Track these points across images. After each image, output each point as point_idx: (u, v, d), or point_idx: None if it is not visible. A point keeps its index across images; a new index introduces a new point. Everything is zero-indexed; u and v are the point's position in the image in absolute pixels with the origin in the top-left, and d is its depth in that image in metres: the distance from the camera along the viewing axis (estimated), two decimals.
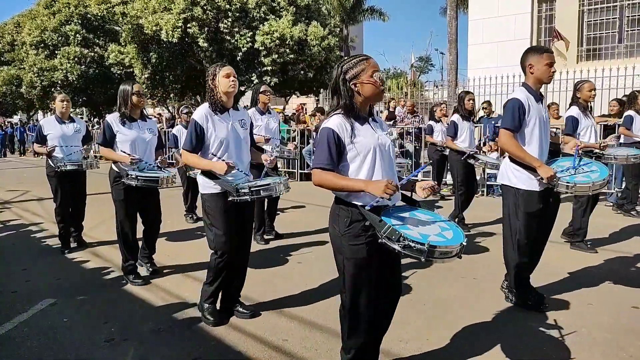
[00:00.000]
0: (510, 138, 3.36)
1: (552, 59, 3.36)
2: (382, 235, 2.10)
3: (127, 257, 4.31)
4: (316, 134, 11.11)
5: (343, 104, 2.30)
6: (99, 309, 3.71)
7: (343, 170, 2.28)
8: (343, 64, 2.34)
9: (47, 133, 5.22)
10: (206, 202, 3.30)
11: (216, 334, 3.22)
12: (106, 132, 4.19)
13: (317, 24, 17.83)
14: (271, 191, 3.22)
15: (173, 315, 3.54)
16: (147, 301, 3.85)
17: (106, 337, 3.21)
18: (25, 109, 31.96)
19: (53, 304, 3.81)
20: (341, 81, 2.31)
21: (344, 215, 2.28)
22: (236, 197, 3.13)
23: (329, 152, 2.22)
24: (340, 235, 2.29)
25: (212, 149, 3.25)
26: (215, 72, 3.26)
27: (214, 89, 3.25)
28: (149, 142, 4.30)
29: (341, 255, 2.31)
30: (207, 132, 3.22)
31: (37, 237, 6.12)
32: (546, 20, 13.37)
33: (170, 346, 3.07)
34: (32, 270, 4.69)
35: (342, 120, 2.26)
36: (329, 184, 2.23)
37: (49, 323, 3.45)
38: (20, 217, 7.38)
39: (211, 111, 3.26)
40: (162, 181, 4.04)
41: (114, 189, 4.21)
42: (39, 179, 12.43)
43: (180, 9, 16.46)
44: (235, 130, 3.33)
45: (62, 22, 23.43)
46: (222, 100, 3.27)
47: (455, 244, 2.12)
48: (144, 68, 18.78)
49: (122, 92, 4.19)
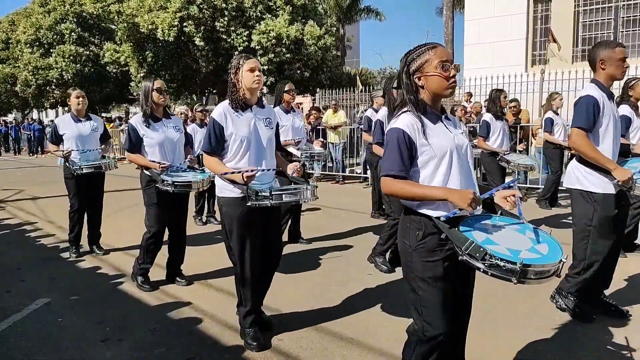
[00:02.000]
0: (583, 137, 3.09)
1: (625, 53, 3.19)
2: (463, 252, 1.82)
3: (144, 259, 4.08)
4: (313, 132, 11.11)
5: (409, 99, 2.04)
6: (94, 308, 3.70)
7: (413, 178, 2.01)
8: (408, 54, 2.07)
9: (63, 133, 4.91)
10: (223, 207, 2.99)
11: (212, 334, 3.21)
12: (132, 136, 3.95)
13: (314, 23, 17.84)
14: (295, 196, 2.85)
15: (168, 315, 3.53)
16: (142, 301, 3.84)
17: (101, 336, 3.20)
18: (20, 108, 31.81)
19: (48, 304, 3.79)
20: (405, 74, 2.05)
21: (415, 227, 2.01)
22: (255, 202, 2.78)
23: (400, 156, 1.95)
24: (411, 250, 2.02)
25: (231, 150, 2.95)
26: (238, 65, 2.94)
27: (236, 83, 2.94)
28: (177, 141, 4.07)
29: (412, 273, 2.03)
30: (227, 131, 2.92)
31: (32, 237, 6.08)
32: (542, 20, 13.41)
33: (166, 346, 3.06)
34: (27, 270, 4.67)
35: (413, 119, 1.99)
36: (403, 193, 1.95)
37: (44, 323, 3.44)
38: (14, 217, 7.34)
39: (231, 108, 2.96)
40: (197, 185, 3.83)
41: (146, 193, 4.01)
42: (33, 179, 12.40)
43: (176, 8, 16.44)
44: (258, 129, 2.99)
45: (57, 21, 23.35)
46: (245, 97, 2.96)
47: (553, 262, 1.78)
48: (139, 67, 18.73)
49: (144, 88, 3.95)
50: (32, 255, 5.22)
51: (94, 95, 24.27)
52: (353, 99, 14.46)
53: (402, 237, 2.08)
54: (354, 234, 5.88)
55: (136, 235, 5.37)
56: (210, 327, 3.30)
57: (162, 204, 3.97)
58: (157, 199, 3.93)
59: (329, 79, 19.15)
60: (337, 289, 4.00)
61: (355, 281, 4.19)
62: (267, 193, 2.76)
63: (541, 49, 13.04)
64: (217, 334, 3.20)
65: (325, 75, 19.22)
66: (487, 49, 13.52)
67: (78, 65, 22.73)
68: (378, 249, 4.51)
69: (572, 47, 12.92)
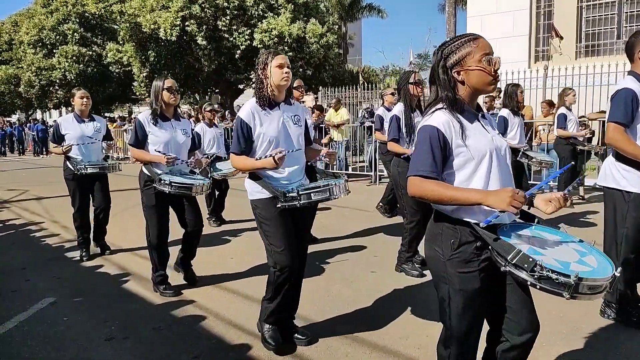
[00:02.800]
0: (621, 133, 2.91)
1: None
2: (507, 262, 1.65)
3: (157, 266, 3.96)
4: (315, 131, 11.09)
5: (445, 96, 1.87)
6: (99, 307, 3.71)
7: (447, 181, 1.85)
8: (444, 47, 1.91)
9: (65, 133, 4.83)
10: (257, 209, 2.88)
11: (217, 333, 3.22)
12: (138, 132, 3.83)
13: (316, 21, 17.81)
14: (325, 194, 2.69)
15: (173, 314, 3.54)
16: (147, 300, 3.85)
17: (106, 335, 3.22)
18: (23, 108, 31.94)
19: (53, 303, 3.81)
20: (441, 69, 1.89)
21: (450, 235, 1.84)
22: (284, 203, 2.70)
23: (432, 156, 1.79)
24: (444, 260, 1.86)
25: (259, 151, 2.83)
26: (266, 61, 2.79)
27: (263, 80, 2.80)
28: (182, 144, 3.97)
29: (446, 284, 1.87)
30: (255, 131, 2.80)
31: (37, 236, 6.11)
32: (545, 16, 13.35)
33: (171, 345, 3.07)
34: (32, 270, 4.69)
35: (449, 117, 1.83)
36: (433, 195, 1.78)
37: (49, 322, 3.45)
38: (19, 217, 7.37)
39: (259, 107, 2.82)
40: (196, 189, 3.72)
41: (145, 194, 3.88)
42: (37, 179, 12.45)
43: (178, 7, 16.44)
44: (287, 127, 2.87)
45: (60, 21, 23.41)
46: (272, 94, 2.82)
47: (606, 276, 1.63)
48: (142, 66, 18.77)
49: (154, 87, 3.87)
50: (37, 255, 5.24)
51: (97, 95, 24.30)
52: (355, 97, 14.44)
53: (433, 244, 1.91)
54: (358, 232, 5.88)
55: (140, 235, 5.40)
56: (214, 326, 3.31)
57: (162, 206, 3.87)
58: (155, 200, 3.84)
59: (331, 77, 19.12)
60: (340, 287, 4.00)
61: (359, 279, 4.19)
62: (294, 193, 2.69)
63: (544, 45, 12.99)
64: (222, 333, 3.21)
65: (327, 73, 19.20)
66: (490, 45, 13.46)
67: (81, 66, 22.78)
68: (403, 256, 4.35)
69: (575, 42, 12.86)
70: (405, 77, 4.25)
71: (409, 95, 4.17)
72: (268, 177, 2.82)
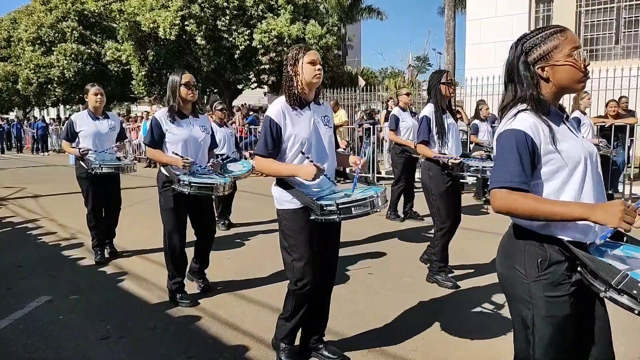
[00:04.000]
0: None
1: None
2: (608, 287, 1.43)
3: (174, 273, 3.73)
4: None
5: (529, 95, 1.66)
6: (95, 306, 3.71)
7: (534, 192, 1.63)
8: (525, 40, 1.70)
9: (79, 130, 4.65)
10: (283, 220, 2.64)
11: (212, 333, 3.22)
12: (154, 131, 3.63)
13: (315, 22, 17.83)
14: (367, 208, 2.40)
15: (169, 313, 3.54)
16: (143, 299, 3.84)
17: (102, 334, 3.21)
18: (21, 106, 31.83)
19: (49, 301, 3.80)
20: (522, 64, 1.68)
21: (536, 253, 1.63)
22: (320, 217, 2.44)
23: (521, 164, 1.57)
24: (529, 281, 1.64)
25: (288, 154, 2.60)
26: (297, 57, 2.57)
27: (293, 77, 2.58)
28: (202, 142, 3.76)
29: (529, 309, 1.64)
30: (285, 132, 2.56)
31: (33, 234, 6.09)
32: (544, 20, 13.40)
33: (166, 344, 3.07)
34: (28, 268, 4.68)
35: (537, 120, 1.61)
36: (525, 210, 1.55)
37: (45, 320, 3.45)
38: (16, 214, 7.35)
39: (289, 105, 2.60)
40: (217, 188, 3.52)
41: (163, 196, 3.67)
42: (35, 177, 12.41)
43: (177, 7, 16.44)
44: (318, 128, 2.65)
45: (59, 19, 23.34)
46: (303, 93, 2.60)
47: None
48: (141, 65, 18.74)
49: (171, 83, 3.64)
50: (33, 253, 5.23)
51: None
52: (354, 99, 14.46)
53: (513, 263, 1.68)
54: (357, 232, 5.87)
55: (138, 235, 5.40)
56: (210, 326, 3.31)
57: (180, 208, 3.65)
58: (173, 203, 3.61)
59: (330, 79, 19.14)
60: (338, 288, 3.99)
61: (356, 280, 4.19)
62: (333, 207, 2.38)
63: None
64: (217, 333, 3.21)
65: (326, 74, 19.18)
66: (489, 49, 13.50)
67: (79, 64, 22.71)
68: (435, 266, 4.10)
69: None
70: (437, 77, 4.06)
71: (440, 96, 4.01)
72: (299, 185, 2.59)
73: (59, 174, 13.30)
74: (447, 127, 3.97)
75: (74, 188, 9.74)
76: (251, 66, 17.81)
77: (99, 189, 4.77)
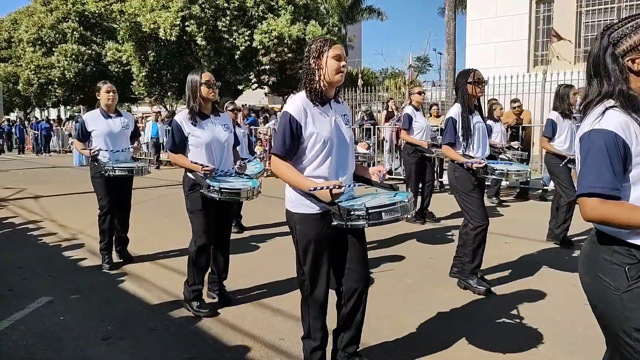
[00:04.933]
0: None
1: None
2: None
3: (194, 279, 3.52)
4: None
5: (618, 91, 1.53)
6: (96, 307, 3.70)
7: (622, 196, 1.53)
8: (611, 30, 1.59)
9: (92, 129, 4.49)
10: (297, 224, 2.41)
11: (213, 333, 3.21)
12: (175, 136, 3.48)
13: (316, 23, 17.86)
14: (397, 213, 2.22)
15: (169, 314, 3.54)
16: (143, 300, 3.84)
17: (102, 335, 3.21)
18: (22, 107, 31.88)
19: (49, 302, 3.80)
20: (609, 57, 1.56)
21: (625, 262, 1.51)
22: (346, 222, 2.23)
23: (612, 169, 1.46)
24: (620, 293, 1.52)
25: (309, 154, 2.37)
26: (321, 50, 2.36)
27: (315, 71, 2.36)
28: (226, 142, 3.58)
29: (626, 322, 1.51)
30: (306, 130, 2.34)
31: (34, 235, 6.09)
32: (544, 21, 13.40)
33: (167, 345, 3.07)
34: (29, 269, 4.67)
35: (626, 117, 1.49)
36: (621, 219, 1.46)
37: (46, 321, 3.44)
38: (16, 215, 7.35)
39: (310, 102, 2.39)
40: (247, 194, 3.36)
41: (190, 199, 3.50)
42: (36, 178, 12.41)
43: (178, 7, 16.47)
44: (340, 128, 2.45)
45: (60, 20, 23.40)
46: (324, 88, 2.40)
47: None
48: (141, 66, 18.78)
49: (190, 82, 3.47)
50: (34, 254, 5.22)
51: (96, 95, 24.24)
52: (355, 99, 14.46)
53: (597, 273, 1.57)
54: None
55: (138, 235, 5.39)
56: (211, 327, 3.31)
57: (209, 211, 3.49)
58: (202, 205, 3.44)
59: None
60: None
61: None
62: (362, 212, 2.19)
63: (543, 50, 13.03)
64: (218, 334, 3.20)
65: None
66: (490, 50, 13.51)
67: (80, 64, 22.76)
68: (467, 268, 3.90)
69: (574, 47, 12.90)
70: (464, 76, 3.88)
71: (467, 96, 3.84)
72: None
73: (59, 174, 13.31)
74: (473, 128, 3.85)
75: (74, 189, 9.77)
76: (251, 67, 17.83)
77: (113, 190, 4.59)
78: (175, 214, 6.99)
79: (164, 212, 4.61)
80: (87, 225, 6.03)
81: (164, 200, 8.61)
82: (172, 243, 5.44)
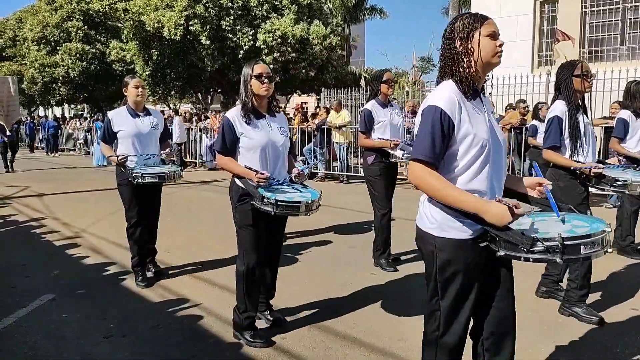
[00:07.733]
0: None
1: None
2: None
3: (246, 305, 3.05)
4: (318, 132, 11.10)
5: None
6: (98, 305, 3.72)
7: None
8: None
9: (118, 130, 4.01)
10: (439, 251, 1.88)
11: (214, 332, 3.22)
12: (226, 136, 2.99)
13: (319, 22, 17.87)
14: (597, 247, 1.70)
15: (171, 313, 3.55)
16: (145, 298, 3.85)
17: (105, 333, 3.22)
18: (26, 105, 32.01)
19: (52, 300, 3.81)
20: None
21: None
22: (527, 256, 1.68)
23: None
24: None
25: (464, 159, 1.84)
26: (471, 27, 1.92)
27: (463, 55, 1.89)
28: (282, 147, 3.07)
29: None
30: (460, 129, 1.86)
31: (37, 233, 6.11)
32: (548, 21, 13.36)
33: (168, 343, 3.08)
34: (32, 266, 4.69)
35: None
36: None
37: (48, 319, 3.46)
38: (20, 213, 7.38)
39: (462, 94, 1.88)
40: (306, 207, 2.86)
41: (239, 211, 3.02)
42: (39, 176, 12.46)
43: (182, 7, 16.51)
44: (494, 127, 1.97)
45: (64, 18, 23.49)
46: (476, 77, 1.93)
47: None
48: (145, 65, 18.82)
49: (243, 76, 3.01)
50: (37, 252, 5.25)
51: (99, 93, 24.37)
52: (358, 99, 14.45)
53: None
54: (359, 233, 5.87)
55: None
56: (212, 325, 3.31)
57: (261, 224, 3.02)
58: (252, 219, 2.98)
59: (334, 79, 19.16)
60: (340, 289, 4.00)
61: (358, 281, 4.19)
62: (557, 242, 1.64)
63: (548, 50, 12.99)
64: (219, 332, 3.21)
65: (330, 74, 19.24)
66: None
67: (84, 63, 22.83)
68: (574, 296, 3.30)
69: (579, 48, 12.85)
70: (569, 68, 3.29)
71: (573, 92, 3.25)
72: None
73: (64, 173, 13.35)
74: (583, 129, 3.24)
75: (77, 187, 9.80)
76: None
77: (143, 198, 4.11)
78: (178, 211, 7.01)
79: (167, 210, 4.64)
80: (90, 224, 6.05)
81: (168, 198, 8.61)
82: (174, 241, 5.45)
